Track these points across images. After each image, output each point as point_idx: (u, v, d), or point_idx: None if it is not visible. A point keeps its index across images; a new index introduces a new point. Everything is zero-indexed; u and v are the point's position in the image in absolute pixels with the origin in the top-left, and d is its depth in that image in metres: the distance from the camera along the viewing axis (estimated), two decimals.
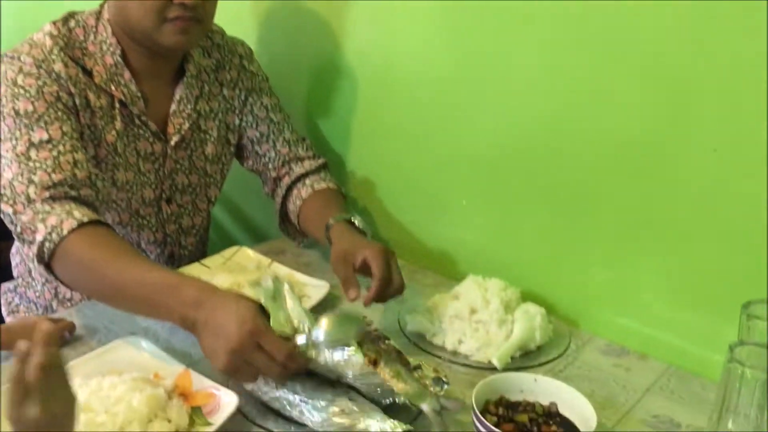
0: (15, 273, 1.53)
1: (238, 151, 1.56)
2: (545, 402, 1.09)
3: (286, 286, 1.10)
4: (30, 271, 1.48)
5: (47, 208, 1.15)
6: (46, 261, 1.14)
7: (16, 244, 1.48)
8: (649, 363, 1.29)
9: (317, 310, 1.30)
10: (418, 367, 1.08)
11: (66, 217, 1.14)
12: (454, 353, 1.26)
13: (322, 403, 1.03)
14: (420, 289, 1.49)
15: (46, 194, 1.16)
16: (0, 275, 1.56)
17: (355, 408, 1.02)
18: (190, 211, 1.51)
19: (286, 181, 1.52)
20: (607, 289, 1.37)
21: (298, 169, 1.52)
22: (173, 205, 1.47)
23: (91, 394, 1.02)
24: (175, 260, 1.53)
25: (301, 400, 1.04)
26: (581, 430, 1.04)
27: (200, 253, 1.61)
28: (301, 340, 1.03)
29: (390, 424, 0.99)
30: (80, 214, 1.16)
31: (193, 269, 1.44)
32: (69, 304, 1.46)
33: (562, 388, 1.09)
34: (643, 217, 1.29)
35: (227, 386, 1.10)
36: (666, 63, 1.20)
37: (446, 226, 1.57)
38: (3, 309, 1.54)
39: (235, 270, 1.40)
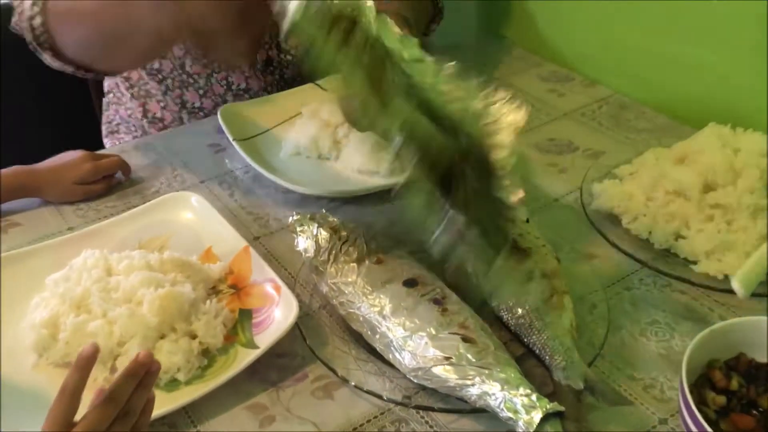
0: (106, 86, 1.25)
1: None
2: None
3: None
4: (118, 83, 1.19)
5: None
6: (48, 44, 0.89)
7: None
8: None
9: None
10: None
11: None
12: (666, 255, 0.77)
13: (420, 340, 0.63)
14: (629, 139, 0.98)
15: None
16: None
17: (470, 356, 0.61)
18: None
19: None
20: None
21: None
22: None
23: (95, 282, 0.70)
24: (274, 67, 1.13)
25: (387, 329, 0.65)
26: None
27: None
28: None
29: (525, 397, 0.57)
30: None
31: (305, 92, 1.05)
32: (160, 125, 1.16)
33: None
34: None
35: (296, 283, 0.73)
36: None
37: (684, 40, 1.00)
38: (104, 129, 1.28)
39: None
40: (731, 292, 0.70)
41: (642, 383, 0.65)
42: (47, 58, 0.91)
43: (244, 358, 0.67)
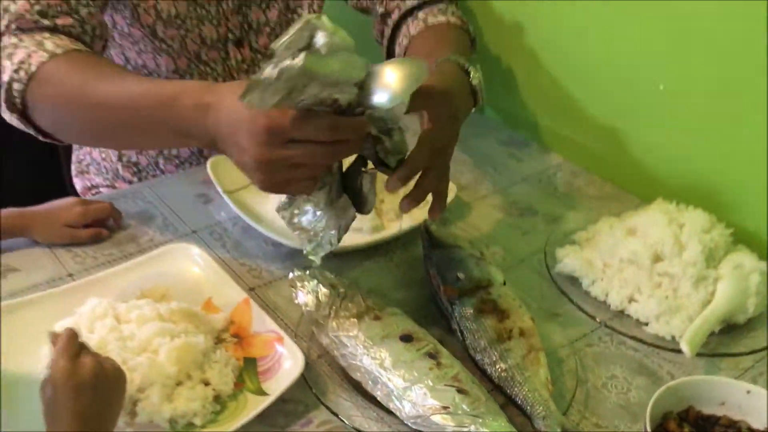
0: None
1: None
2: (760, 425, 0.71)
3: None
4: None
5: (14, 40, 0.89)
6: (20, 108, 0.89)
7: None
8: None
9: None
10: None
11: (36, 50, 0.87)
12: (621, 316, 0.88)
13: (419, 391, 0.70)
14: (581, 205, 1.09)
15: (14, 26, 0.89)
16: None
17: (464, 406, 0.69)
18: None
19: (395, 16, 1.16)
20: None
21: (410, 1, 1.14)
22: (245, 50, 1.12)
23: (110, 331, 0.75)
24: None
25: (388, 379, 0.72)
26: None
27: None
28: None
29: None
30: (53, 45, 0.87)
31: None
32: (135, 169, 1.20)
33: None
34: None
35: (295, 334, 0.80)
36: None
37: (631, 119, 1.13)
38: (73, 168, 1.30)
39: None
40: (678, 351, 0.81)
41: (606, 431, 0.75)
42: (8, 116, 0.90)
43: (255, 404, 0.73)
